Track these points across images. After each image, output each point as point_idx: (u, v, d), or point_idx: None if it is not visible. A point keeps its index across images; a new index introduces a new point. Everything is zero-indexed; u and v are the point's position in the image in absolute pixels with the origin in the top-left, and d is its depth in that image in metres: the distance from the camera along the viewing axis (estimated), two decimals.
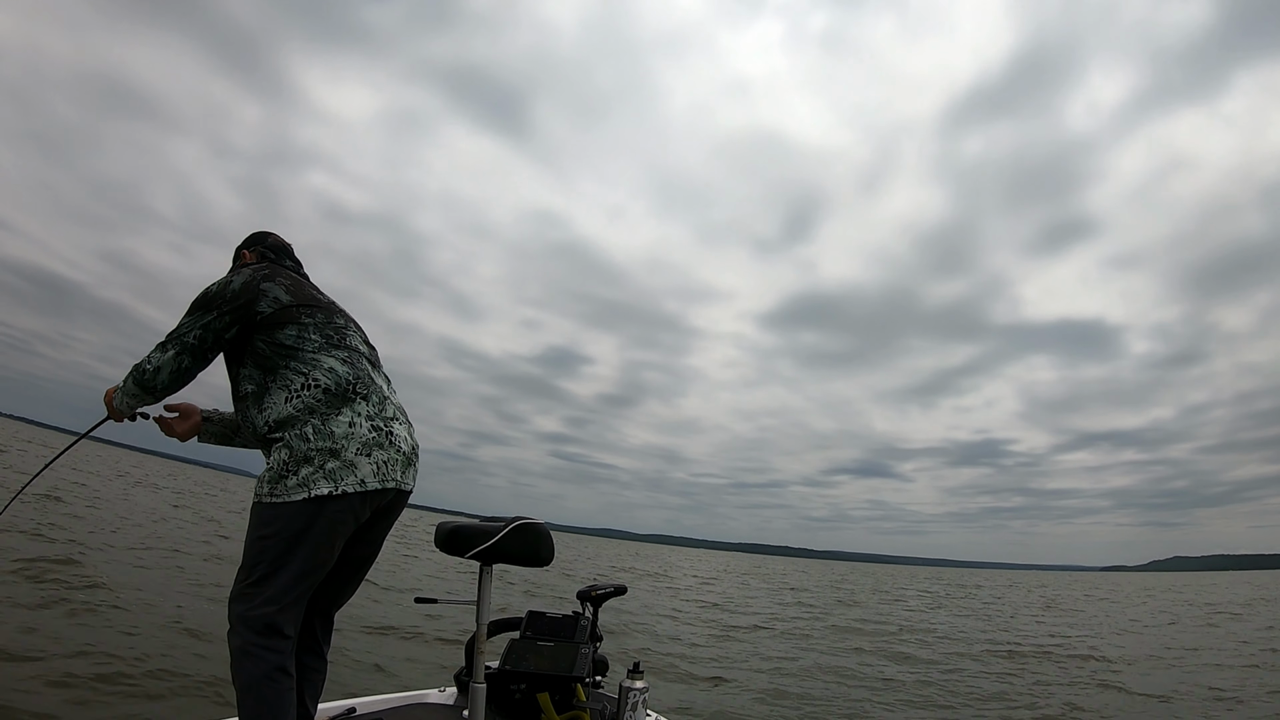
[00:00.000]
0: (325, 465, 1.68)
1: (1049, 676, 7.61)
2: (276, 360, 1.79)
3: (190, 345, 1.79)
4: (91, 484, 17.37)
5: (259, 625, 1.60)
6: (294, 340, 1.81)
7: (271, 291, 1.85)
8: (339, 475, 1.69)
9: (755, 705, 5.58)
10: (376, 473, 1.74)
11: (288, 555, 1.65)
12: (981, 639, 10.82)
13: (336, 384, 1.78)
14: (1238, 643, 11.03)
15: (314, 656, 1.85)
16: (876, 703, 5.99)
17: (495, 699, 2.16)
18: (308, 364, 1.78)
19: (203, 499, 22.46)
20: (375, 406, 1.82)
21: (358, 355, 1.89)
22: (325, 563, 1.72)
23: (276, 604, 1.62)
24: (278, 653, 1.60)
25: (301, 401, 1.74)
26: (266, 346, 1.80)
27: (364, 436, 1.74)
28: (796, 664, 7.60)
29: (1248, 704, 6.31)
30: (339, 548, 1.75)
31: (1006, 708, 6.04)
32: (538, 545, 1.95)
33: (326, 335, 1.86)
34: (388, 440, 1.79)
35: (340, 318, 1.96)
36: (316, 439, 1.70)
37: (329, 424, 1.72)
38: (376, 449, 1.75)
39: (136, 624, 5.03)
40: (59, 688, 3.58)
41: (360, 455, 1.72)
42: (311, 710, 1.83)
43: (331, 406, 1.75)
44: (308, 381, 1.76)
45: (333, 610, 1.91)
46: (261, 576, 1.64)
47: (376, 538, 1.92)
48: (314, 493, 1.66)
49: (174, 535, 10.86)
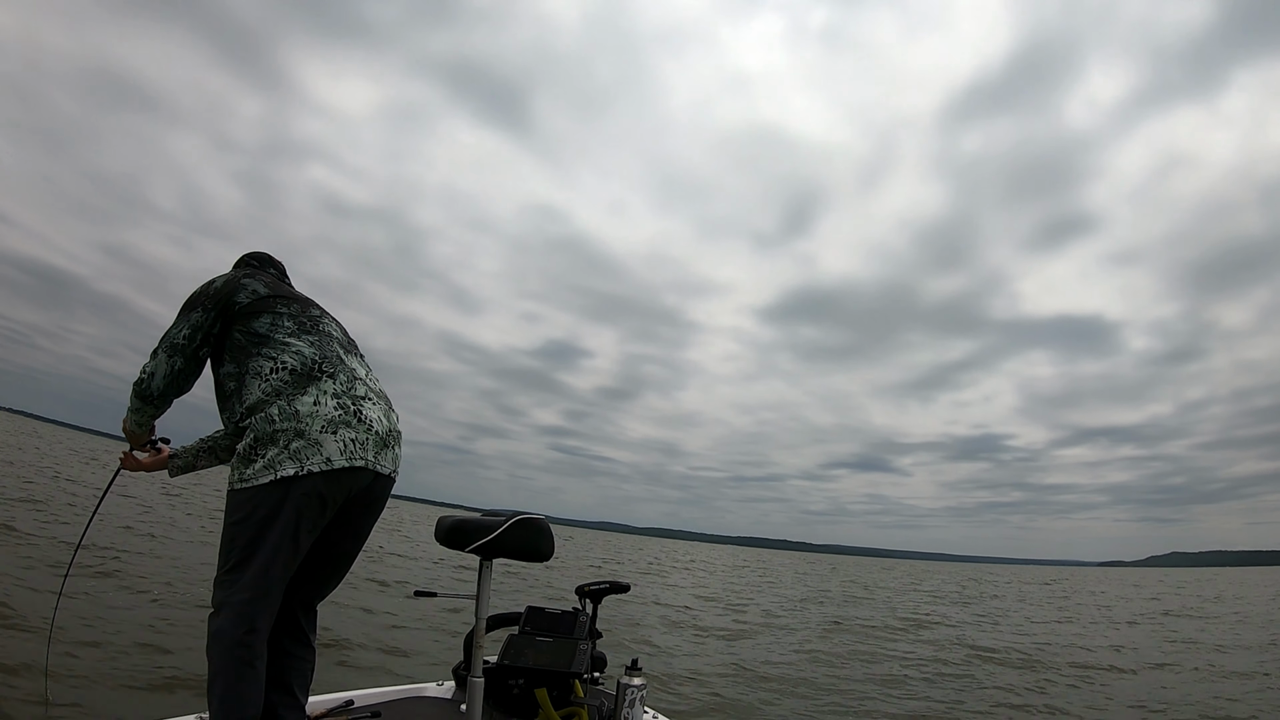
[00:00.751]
0: (290, 445, 1.67)
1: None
2: (250, 348, 1.81)
3: (179, 345, 1.81)
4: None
5: (232, 613, 1.61)
6: (267, 328, 1.83)
7: (250, 285, 1.89)
8: (304, 454, 1.67)
9: (755, 704, 5.58)
10: (343, 450, 1.71)
11: (258, 541, 1.64)
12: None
13: (302, 364, 1.78)
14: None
15: (300, 645, 1.84)
16: (881, 698, 6.00)
17: (493, 694, 2.15)
18: (277, 349, 1.80)
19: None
20: (343, 385, 1.80)
21: (328, 339, 1.90)
22: (298, 548, 1.71)
23: (250, 590, 1.63)
24: (248, 644, 1.61)
25: (269, 385, 1.75)
26: (242, 336, 1.83)
27: (329, 414, 1.73)
28: (796, 664, 7.61)
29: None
30: (312, 531, 1.73)
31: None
32: (538, 540, 1.94)
33: (300, 322, 1.88)
34: (355, 419, 1.76)
35: (315, 309, 1.98)
36: (281, 419, 1.70)
37: (294, 404, 1.72)
38: (343, 427, 1.73)
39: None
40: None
41: (325, 433, 1.70)
42: (301, 699, 1.83)
43: (297, 387, 1.75)
44: (276, 365, 1.78)
45: (315, 601, 1.90)
46: (235, 564, 1.64)
47: (361, 530, 1.91)
48: (280, 474, 1.65)
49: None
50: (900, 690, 6.41)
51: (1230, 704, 6.36)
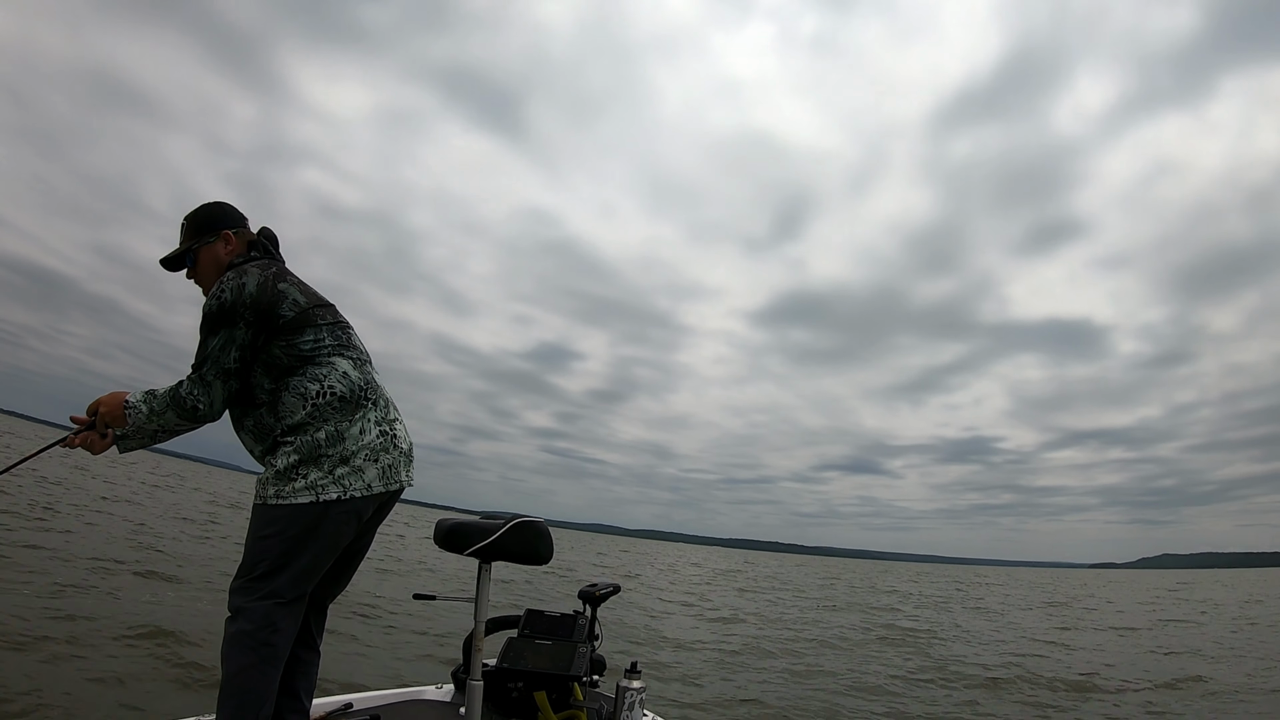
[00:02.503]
0: (335, 471, 1.71)
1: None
2: (294, 367, 1.75)
3: (232, 370, 1.72)
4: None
5: (256, 616, 1.62)
6: (311, 347, 1.78)
7: (289, 293, 1.77)
8: (347, 481, 1.72)
9: (756, 704, 5.58)
10: (382, 476, 1.78)
11: (290, 555, 1.66)
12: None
13: (350, 391, 1.79)
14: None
15: (307, 649, 1.86)
16: (879, 707, 6.01)
17: (492, 697, 2.16)
18: (324, 369, 1.77)
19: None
20: (382, 411, 1.85)
21: (363, 357, 1.90)
22: (327, 563, 1.76)
23: (277, 598, 1.65)
24: (270, 645, 1.62)
25: (317, 409, 1.74)
26: (284, 354, 1.75)
27: (373, 443, 1.78)
28: (793, 663, 7.62)
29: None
30: (341, 548, 1.78)
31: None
32: (537, 543, 1.95)
33: (337, 337, 1.85)
34: (392, 444, 1.82)
35: (337, 313, 1.94)
36: (329, 445, 1.72)
37: (342, 431, 1.75)
38: (383, 453, 1.79)
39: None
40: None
41: (369, 461, 1.76)
42: (306, 703, 1.84)
43: (345, 413, 1.76)
44: (323, 389, 1.75)
45: (327, 602, 1.93)
46: (263, 574, 1.65)
47: (369, 529, 1.93)
48: (322, 498, 1.68)
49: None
50: (892, 697, 6.41)
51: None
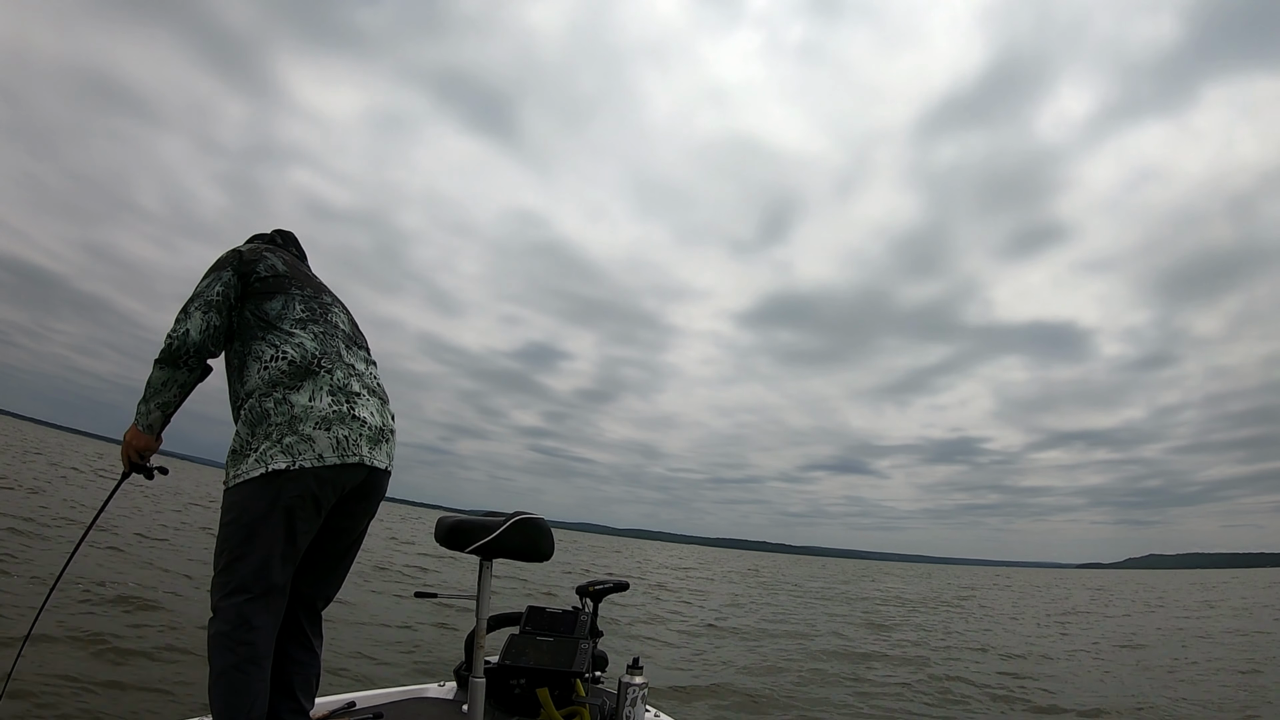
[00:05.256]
0: (283, 439, 1.66)
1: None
2: (256, 330, 1.80)
3: (215, 301, 1.79)
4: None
5: (229, 614, 1.58)
6: (277, 312, 1.82)
7: (270, 260, 1.90)
8: (296, 449, 1.65)
9: (757, 698, 5.60)
10: (335, 447, 1.69)
11: (250, 541, 1.61)
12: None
13: (302, 357, 1.76)
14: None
15: (303, 650, 1.81)
16: (869, 703, 6.03)
17: (494, 694, 2.16)
18: (281, 337, 1.79)
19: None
20: (339, 381, 1.78)
21: (333, 332, 1.88)
22: (295, 546, 1.68)
23: (246, 592, 1.60)
24: (248, 644, 1.58)
25: (268, 373, 1.73)
26: (252, 316, 1.81)
27: (323, 411, 1.71)
28: (794, 662, 7.65)
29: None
30: (308, 531, 1.70)
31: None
32: (538, 540, 1.94)
33: (310, 309, 1.87)
34: (349, 415, 1.75)
35: (327, 296, 1.97)
36: (276, 413, 1.68)
37: (289, 397, 1.70)
38: (337, 424, 1.71)
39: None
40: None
41: (318, 429, 1.68)
42: (306, 704, 1.81)
43: (294, 380, 1.73)
44: (277, 354, 1.75)
45: (318, 602, 1.87)
46: (226, 564, 1.62)
47: (356, 525, 1.88)
48: (271, 467, 1.63)
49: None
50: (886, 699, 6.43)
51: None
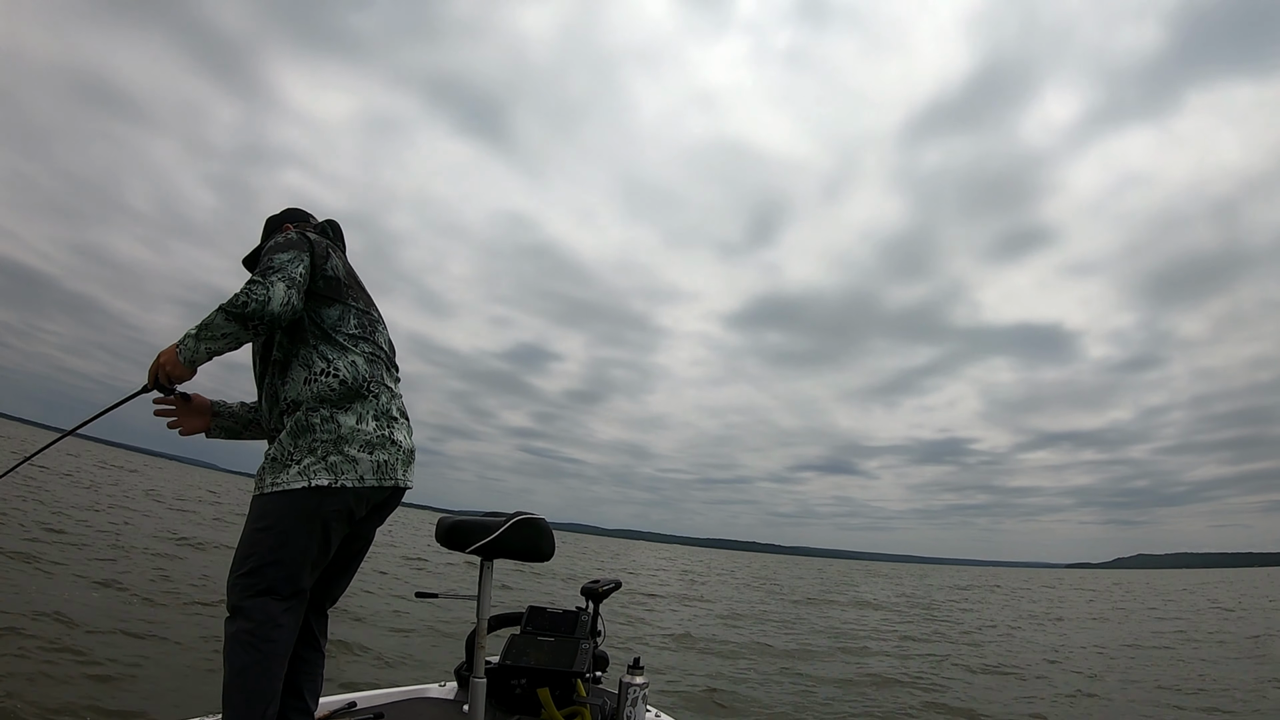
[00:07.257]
0: (328, 458, 1.70)
1: None
2: (308, 334, 1.80)
3: (298, 281, 1.72)
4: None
5: (255, 613, 1.60)
6: (332, 322, 1.83)
7: (334, 258, 1.89)
8: (340, 469, 1.71)
9: (755, 703, 5.58)
10: (376, 470, 1.76)
11: (284, 547, 1.65)
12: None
13: (354, 378, 1.79)
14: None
15: (310, 649, 1.85)
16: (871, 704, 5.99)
17: (495, 694, 2.16)
18: (335, 350, 1.80)
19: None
20: (384, 406, 1.84)
21: (379, 354, 1.91)
22: (320, 558, 1.73)
23: (275, 594, 1.63)
24: (272, 641, 1.60)
25: (317, 387, 1.76)
26: (307, 317, 1.80)
27: (368, 435, 1.77)
28: (794, 661, 7.62)
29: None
30: (335, 544, 1.76)
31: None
32: (539, 540, 1.94)
33: (362, 325, 1.89)
34: (389, 439, 1.81)
35: (375, 311, 2.00)
36: (322, 429, 1.72)
37: (337, 417, 1.74)
38: (379, 448, 1.78)
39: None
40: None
41: (362, 452, 1.75)
42: (311, 704, 1.83)
43: (343, 400, 1.77)
44: (328, 369, 1.77)
45: (326, 603, 1.91)
46: (255, 567, 1.63)
47: (369, 531, 1.93)
48: (313, 483, 1.67)
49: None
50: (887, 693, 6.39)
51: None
